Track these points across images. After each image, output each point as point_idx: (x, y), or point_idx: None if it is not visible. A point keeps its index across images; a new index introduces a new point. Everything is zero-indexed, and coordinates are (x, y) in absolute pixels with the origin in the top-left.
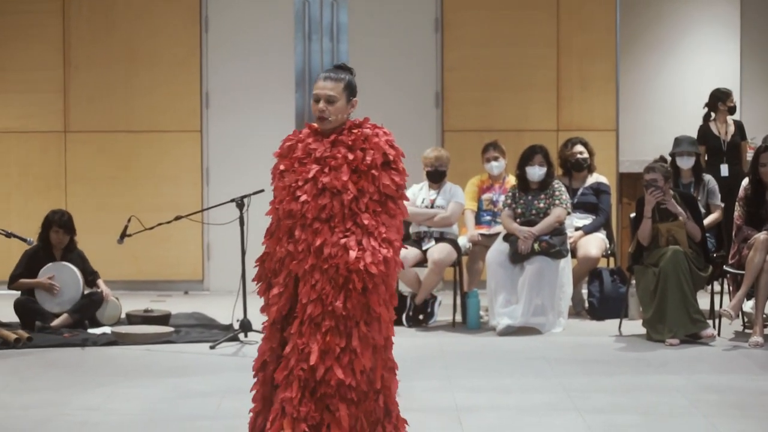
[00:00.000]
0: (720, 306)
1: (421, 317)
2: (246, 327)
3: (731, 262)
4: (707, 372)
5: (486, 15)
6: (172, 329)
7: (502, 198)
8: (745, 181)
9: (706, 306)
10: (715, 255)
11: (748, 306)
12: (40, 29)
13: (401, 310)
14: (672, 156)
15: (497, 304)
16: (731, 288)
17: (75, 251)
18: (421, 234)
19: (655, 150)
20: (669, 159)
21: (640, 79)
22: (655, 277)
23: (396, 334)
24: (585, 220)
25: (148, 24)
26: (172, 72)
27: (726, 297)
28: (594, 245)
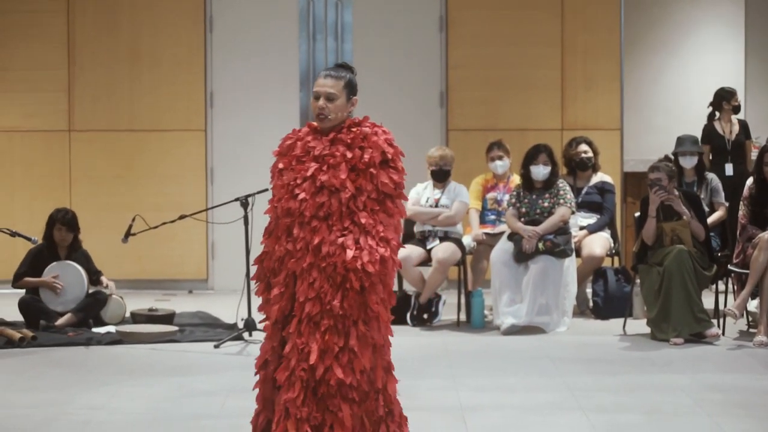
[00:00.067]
0: (724, 305)
1: (426, 316)
2: (250, 326)
3: (736, 261)
4: (712, 371)
5: (490, 14)
6: (176, 328)
7: (506, 197)
8: (750, 181)
9: (710, 305)
10: (720, 254)
11: (752, 305)
12: (44, 28)
13: (405, 309)
14: (675, 155)
15: (501, 303)
16: (736, 287)
17: (79, 250)
18: (426, 233)
19: (660, 149)
20: (672, 158)
21: (644, 79)
22: (660, 277)
23: (400, 333)
24: (589, 219)
25: (152, 23)
26: (176, 71)
27: (730, 296)
28: (598, 244)
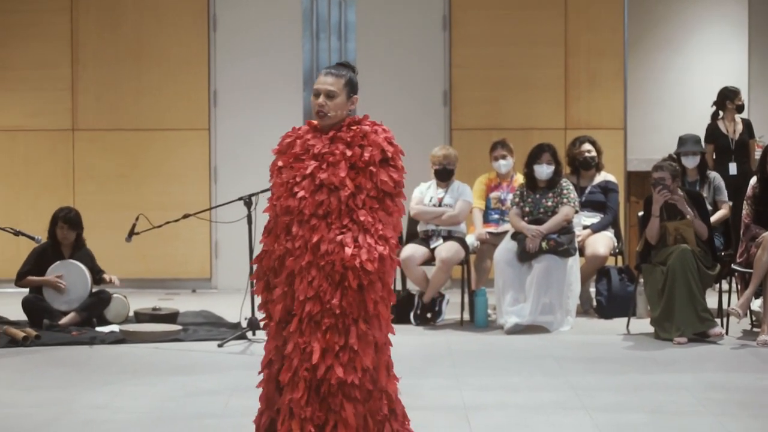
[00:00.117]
0: (728, 305)
1: (429, 316)
2: (254, 325)
3: (739, 260)
4: (715, 371)
5: (494, 14)
6: (180, 327)
7: (510, 196)
8: (754, 180)
9: (714, 304)
10: (723, 253)
11: (756, 304)
12: (47, 27)
13: (409, 308)
14: (677, 155)
15: (505, 302)
16: (739, 286)
17: (83, 249)
18: (429, 232)
19: (663, 148)
20: (676, 158)
21: (648, 78)
22: (663, 276)
23: (403, 332)
24: (593, 218)
25: (155, 22)
26: (180, 70)
27: (734, 295)
28: (602, 244)
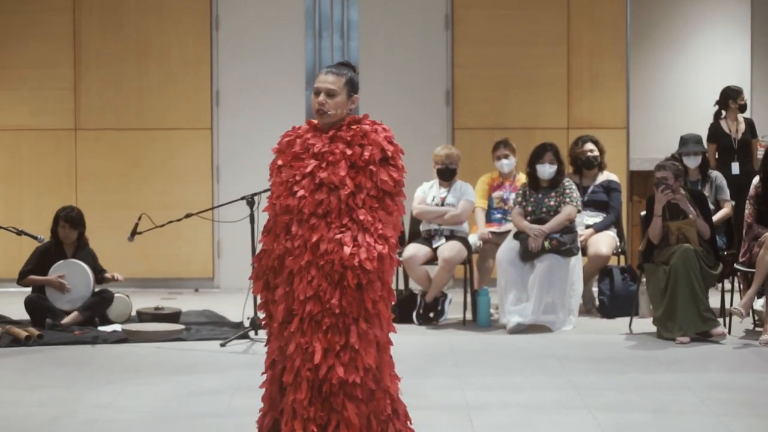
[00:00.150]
0: (731, 304)
1: (432, 315)
2: (256, 325)
3: (742, 260)
4: (717, 370)
5: (496, 13)
6: (182, 327)
7: (512, 196)
8: (756, 179)
9: (716, 304)
10: (726, 253)
11: (758, 304)
12: (50, 27)
13: (411, 308)
14: (678, 155)
15: (507, 302)
16: (742, 286)
17: (86, 249)
18: (432, 232)
19: (666, 148)
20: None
21: (650, 77)
22: (666, 275)
23: (406, 332)
24: (595, 218)
25: (158, 22)
26: (182, 70)
27: (737, 295)
28: (604, 243)
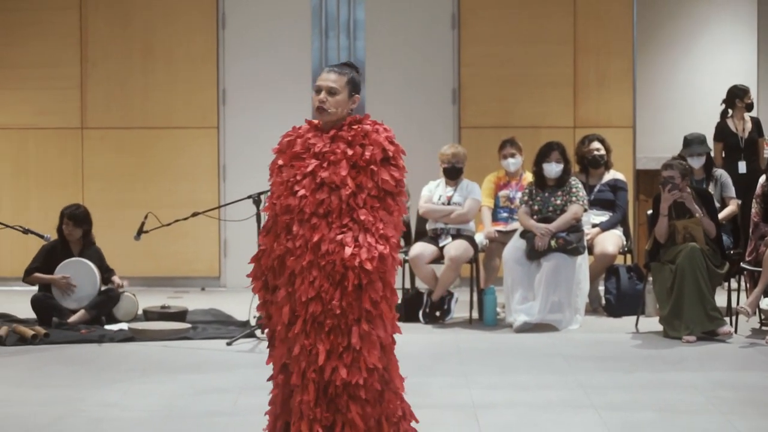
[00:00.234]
0: (737, 303)
1: (438, 314)
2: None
3: (748, 259)
4: (724, 369)
5: (503, 12)
6: (188, 325)
7: (518, 195)
8: (763, 178)
9: (723, 303)
10: (732, 252)
11: (765, 303)
12: (56, 25)
13: (418, 306)
14: (681, 157)
15: (514, 300)
16: (748, 285)
17: (92, 247)
18: (438, 231)
19: (672, 147)
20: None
21: (657, 76)
22: (672, 274)
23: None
24: (602, 216)
25: (165, 20)
26: (189, 68)
27: (743, 294)
28: (611, 242)
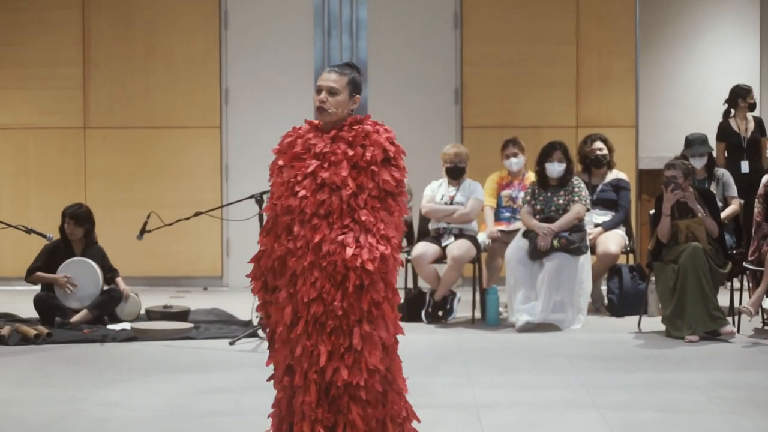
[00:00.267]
0: (739, 303)
1: (440, 314)
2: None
3: (751, 258)
4: (726, 369)
5: (505, 11)
6: (191, 325)
7: (521, 194)
8: (765, 178)
9: (725, 303)
10: (735, 252)
11: (767, 303)
12: (59, 25)
13: (420, 306)
14: (683, 157)
15: (516, 300)
16: (751, 285)
17: (95, 246)
18: (441, 230)
19: (675, 146)
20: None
21: (659, 76)
22: (675, 274)
23: (415, 330)
24: (604, 216)
25: (167, 20)
26: (191, 68)
27: (746, 294)
28: (613, 242)
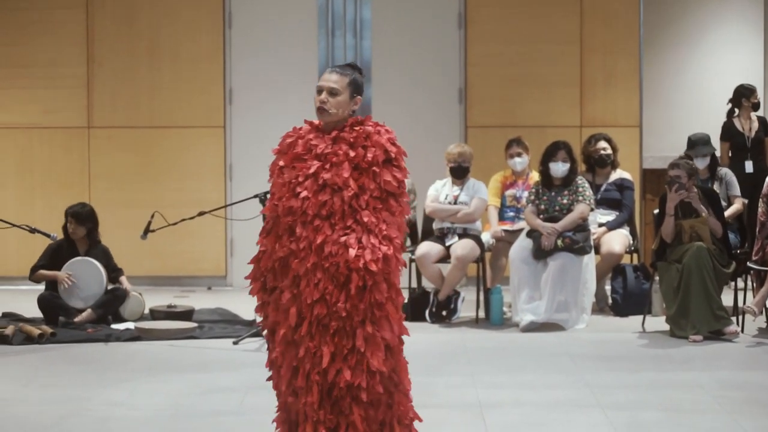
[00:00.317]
0: (743, 302)
1: (444, 313)
2: None
3: (755, 258)
4: (730, 369)
5: (509, 11)
6: (195, 325)
7: (525, 194)
8: None
9: (729, 302)
10: (739, 251)
11: None
12: (63, 25)
13: (424, 306)
14: (689, 156)
15: (520, 300)
16: (755, 284)
17: (98, 246)
18: (445, 230)
19: (679, 146)
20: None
21: (663, 75)
22: (679, 274)
23: (419, 330)
24: (608, 216)
25: (171, 20)
26: (195, 68)
27: (750, 293)
28: (617, 241)
